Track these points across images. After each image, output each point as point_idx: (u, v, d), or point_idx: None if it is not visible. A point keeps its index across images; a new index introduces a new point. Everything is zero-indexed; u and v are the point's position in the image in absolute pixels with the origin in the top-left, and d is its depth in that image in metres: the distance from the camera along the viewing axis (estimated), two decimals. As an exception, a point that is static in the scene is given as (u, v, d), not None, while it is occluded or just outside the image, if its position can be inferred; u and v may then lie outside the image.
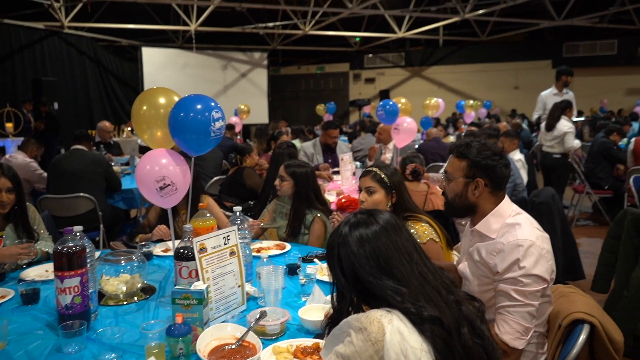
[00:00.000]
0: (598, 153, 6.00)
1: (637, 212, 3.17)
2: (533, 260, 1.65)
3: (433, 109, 7.72)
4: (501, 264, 1.69)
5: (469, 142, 1.85)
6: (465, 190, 1.82)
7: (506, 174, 1.81)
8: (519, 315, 1.66)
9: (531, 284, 1.64)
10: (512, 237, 1.69)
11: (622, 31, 15.32)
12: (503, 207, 1.81)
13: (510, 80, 17.56)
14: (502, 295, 1.69)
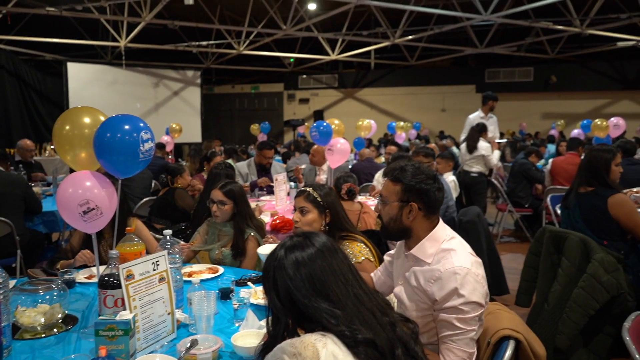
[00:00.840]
0: (518, 173, 6.36)
1: (554, 230, 3.37)
2: (471, 287, 1.68)
3: (365, 130, 7.90)
4: (439, 292, 1.71)
5: (403, 165, 1.87)
6: (400, 214, 1.84)
7: (439, 197, 1.83)
8: (462, 342, 1.68)
9: (471, 311, 1.68)
10: (449, 265, 1.72)
11: (538, 60, 16.46)
12: (438, 232, 1.83)
13: (438, 103, 18.34)
14: (445, 325, 1.71)
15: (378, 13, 13.13)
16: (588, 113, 15.41)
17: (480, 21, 12.15)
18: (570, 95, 16.86)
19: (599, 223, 3.25)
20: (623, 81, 16.53)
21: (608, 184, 3.29)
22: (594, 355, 3.15)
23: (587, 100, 16.57)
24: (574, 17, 11.86)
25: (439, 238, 1.81)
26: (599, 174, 3.30)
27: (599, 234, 3.24)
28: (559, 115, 15.72)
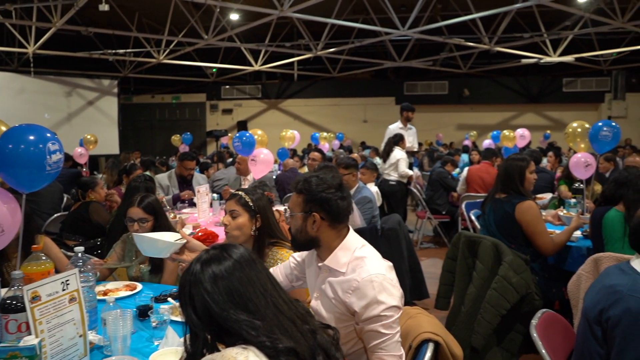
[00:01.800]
0: (436, 182, 6.65)
1: (469, 235, 3.53)
2: (388, 293, 1.72)
3: (289, 140, 7.93)
4: (358, 302, 1.72)
5: (307, 177, 1.87)
6: (304, 224, 1.84)
7: (343, 206, 1.82)
8: (391, 347, 1.71)
9: (392, 315, 1.71)
10: (364, 273, 1.73)
11: (452, 74, 17.36)
12: (349, 240, 1.85)
13: (360, 114, 18.80)
14: (371, 335, 1.72)
15: (300, 25, 13.28)
16: (498, 124, 16.43)
17: (398, 36, 12.63)
18: (481, 107, 17.91)
19: (508, 228, 3.45)
20: (527, 95, 17.81)
21: (521, 191, 3.49)
22: (506, 353, 3.33)
23: (497, 113, 17.68)
24: (483, 35, 12.63)
25: (351, 247, 1.83)
26: (514, 182, 3.49)
27: (508, 238, 3.44)
28: (472, 127, 16.63)
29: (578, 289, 2.77)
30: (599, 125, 4.05)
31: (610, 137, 3.97)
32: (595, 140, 4.04)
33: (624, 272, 1.77)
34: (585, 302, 1.83)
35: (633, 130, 16.54)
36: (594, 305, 1.75)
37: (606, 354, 1.70)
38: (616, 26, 11.06)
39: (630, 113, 16.79)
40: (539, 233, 3.31)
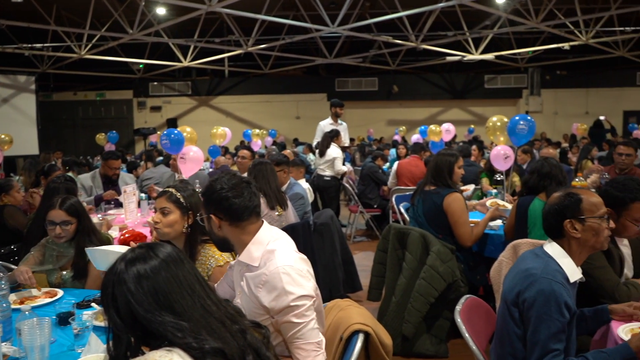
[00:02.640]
0: (367, 176, 6.78)
1: (398, 227, 3.64)
2: (297, 283, 1.73)
3: (220, 137, 7.80)
4: (268, 296, 1.73)
5: (211, 181, 1.91)
6: (210, 227, 1.88)
7: (241, 204, 1.82)
8: (308, 334, 1.72)
9: (304, 304, 1.73)
10: (272, 266, 1.75)
11: (381, 71, 17.76)
12: (262, 234, 1.86)
13: (292, 110, 18.81)
14: (286, 327, 1.73)
15: (230, 21, 13.08)
16: (425, 119, 17.01)
17: (328, 33, 12.74)
18: (410, 103, 18.46)
19: (436, 218, 3.58)
20: (452, 91, 18.56)
21: (449, 184, 3.64)
22: (435, 339, 3.46)
23: (424, 108, 18.29)
24: (410, 33, 13.01)
25: (264, 240, 1.84)
26: (443, 175, 3.63)
27: (436, 228, 3.58)
28: (401, 122, 17.11)
29: (499, 275, 2.91)
30: (516, 119, 4.29)
31: (527, 131, 4.22)
32: (513, 134, 4.27)
33: (538, 256, 1.88)
34: (503, 286, 1.93)
35: (547, 124, 17.65)
36: (512, 288, 1.86)
37: (523, 334, 1.80)
38: (531, 26, 11.74)
39: (545, 108, 17.90)
40: (462, 224, 3.46)
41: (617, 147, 4.70)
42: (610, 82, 17.77)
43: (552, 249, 1.89)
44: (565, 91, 17.99)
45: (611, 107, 17.41)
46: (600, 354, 1.74)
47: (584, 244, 1.87)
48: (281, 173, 4.36)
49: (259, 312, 1.78)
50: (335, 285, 4.29)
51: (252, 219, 1.87)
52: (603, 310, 2.04)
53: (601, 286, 2.19)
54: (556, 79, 17.96)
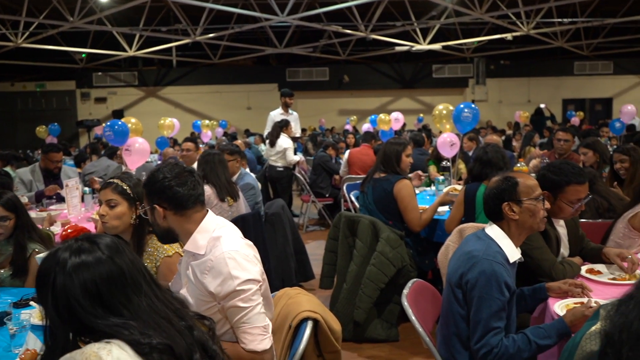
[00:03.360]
0: (318, 166, 6.80)
1: (349, 215, 3.67)
2: (242, 267, 1.73)
3: (168, 129, 7.62)
4: (214, 281, 1.72)
5: (152, 171, 1.87)
6: (154, 218, 1.84)
7: (185, 192, 1.80)
8: (254, 319, 1.72)
9: (250, 288, 1.72)
10: (218, 252, 1.74)
11: (332, 60, 17.81)
12: (207, 223, 1.84)
13: (243, 101, 18.59)
14: (232, 312, 1.72)
15: (177, 9, 12.75)
16: (376, 109, 17.16)
17: (278, 22, 12.64)
18: (361, 93, 18.61)
19: (386, 205, 3.64)
20: (402, 81, 18.84)
21: (398, 171, 3.70)
22: (386, 323, 3.53)
23: (375, 98, 18.49)
24: (359, 23, 13.09)
25: (209, 228, 1.83)
26: (391, 163, 3.70)
27: (386, 215, 3.64)
28: (353, 112, 17.24)
29: (446, 258, 2.98)
30: (461, 107, 4.40)
31: (471, 118, 4.34)
32: (458, 121, 4.39)
33: (480, 238, 1.95)
34: (448, 268, 1.99)
35: (492, 112, 18.23)
36: (455, 270, 1.92)
37: (467, 314, 1.86)
38: (476, 17, 12.06)
39: (490, 97, 18.48)
40: (411, 209, 3.54)
41: (557, 133, 4.91)
42: (550, 72, 18.53)
43: (492, 232, 1.96)
44: (508, 80, 18.61)
45: (551, 95, 18.17)
46: (538, 329, 1.82)
47: (522, 225, 1.95)
48: (233, 163, 4.32)
49: (206, 299, 1.76)
50: (287, 275, 4.30)
51: (197, 207, 1.84)
52: (541, 289, 2.14)
53: (539, 266, 2.29)
54: (500, 68, 18.54)
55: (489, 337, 1.75)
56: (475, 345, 1.78)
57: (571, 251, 2.56)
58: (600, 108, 18.66)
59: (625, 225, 2.72)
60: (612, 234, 2.80)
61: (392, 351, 3.43)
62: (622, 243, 2.72)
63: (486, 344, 1.76)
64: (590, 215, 3.29)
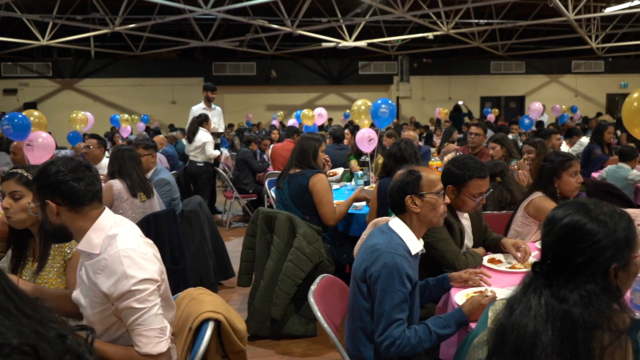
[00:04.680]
0: (241, 161, 6.69)
1: (266, 211, 3.63)
2: (139, 266, 1.65)
3: (81, 123, 7.20)
4: (107, 281, 1.63)
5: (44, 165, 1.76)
6: (45, 214, 1.71)
7: (80, 188, 1.71)
8: (150, 320, 1.64)
9: (147, 288, 1.65)
10: (113, 250, 1.66)
11: (259, 55, 17.63)
12: (104, 220, 1.75)
13: (168, 95, 18.01)
14: (127, 313, 1.64)
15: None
16: (304, 105, 17.22)
17: (202, 14, 12.32)
18: (288, 88, 18.58)
19: (302, 199, 3.62)
20: (329, 77, 19.00)
21: (313, 166, 3.69)
22: (304, 319, 3.52)
23: (303, 94, 18.53)
24: (285, 18, 13.02)
25: (105, 226, 1.74)
26: (307, 158, 3.69)
27: (303, 209, 3.62)
28: (280, 107, 17.17)
29: (361, 252, 3.02)
30: (378, 103, 4.48)
31: (388, 114, 4.42)
32: (375, 117, 4.45)
33: (383, 232, 1.97)
34: (354, 262, 2.00)
35: (416, 108, 18.85)
36: (360, 264, 1.93)
37: (371, 308, 1.88)
38: (398, 15, 12.36)
39: (413, 94, 19.06)
40: (325, 203, 3.55)
41: (469, 128, 5.14)
42: (469, 70, 19.39)
43: (395, 225, 1.99)
44: (430, 78, 19.28)
45: (470, 93, 19.04)
46: (438, 319, 1.87)
47: (423, 219, 1.99)
48: (148, 158, 4.15)
49: (99, 301, 1.67)
50: (205, 273, 4.20)
51: (94, 204, 1.75)
52: (444, 279, 2.20)
53: (443, 257, 2.36)
54: (423, 66, 19.17)
55: (391, 329, 1.78)
56: (379, 338, 1.80)
57: (475, 242, 2.67)
58: (515, 105, 19.79)
59: (523, 214, 2.88)
60: (512, 223, 2.95)
61: (309, 346, 3.43)
62: (521, 231, 2.87)
63: (389, 336, 1.78)
64: (493, 207, 3.45)
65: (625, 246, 1.16)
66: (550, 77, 19.92)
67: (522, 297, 1.20)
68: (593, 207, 1.21)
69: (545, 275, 1.18)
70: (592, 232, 1.16)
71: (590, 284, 1.12)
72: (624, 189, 4.68)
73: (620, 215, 1.19)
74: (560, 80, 20.02)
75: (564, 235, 1.18)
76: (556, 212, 1.24)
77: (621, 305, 1.14)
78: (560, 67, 19.87)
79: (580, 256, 1.15)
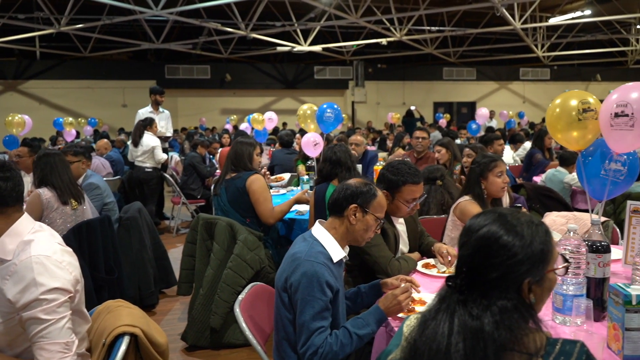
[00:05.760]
0: (189, 166, 6.54)
1: (206, 217, 3.53)
2: (51, 274, 1.57)
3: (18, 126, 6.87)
4: (14, 287, 1.54)
5: None
6: None
7: (7, 187, 1.64)
8: (55, 333, 1.55)
9: (56, 298, 1.56)
10: (25, 255, 1.58)
11: (214, 58, 17.39)
12: (21, 225, 1.67)
13: (118, 98, 17.52)
14: (31, 323, 1.54)
15: (36, -5, 11.63)
16: (259, 109, 17.03)
17: (153, 16, 12.04)
18: (243, 92, 18.41)
19: (241, 202, 3.56)
20: (284, 81, 18.95)
21: (250, 169, 3.64)
22: (245, 328, 3.44)
23: (258, 98, 18.41)
24: (239, 21, 12.90)
25: (22, 232, 1.66)
26: (243, 162, 3.64)
27: (242, 212, 3.56)
28: (235, 111, 16.99)
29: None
30: (324, 107, 4.46)
31: (333, 118, 4.40)
32: (321, 121, 4.43)
33: (305, 239, 1.93)
34: (277, 272, 1.94)
35: (372, 113, 19.04)
36: (281, 273, 1.87)
37: (293, 318, 1.83)
38: (352, 21, 12.45)
39: (369, 98, 19.24)
40: (262, 201, 3.50)
41: (415, 132, 5.22)
42: (422, 76, 19.77)
43: (317, 232, 1.94)
44: (385, 83, 19.54)
45: (423, 98, 19.40)
46: (357, 320, 1.84)
47: (352, 233, 1.94)
48: (78, 164, 3.98)
49: (5, 309, 1.57)
50: (145, 282, 4.06)
51: (17, 207, 1.68)
52: (377, 285, 2.18)
53: (376, 262, 2.34)
54: (377, 72, 19.40)
55: (313, 338, 1.73)
56: (301, 349, 1.75)
57: (411, 247, 2.66)
58: (466, 111, 20.29)
59: (452, 218, 2.90)
60: (445, 228, 2.97)
61: (250, 355, 3.35)
62: (453, 236, 2.89)
63: (311, 345, 1.73)
64: (435, 211, 3.48)
65: (540, 260, 1.12)
66: (499, 84, 20.55)
67: (435, 313, 1.15)
68: (510, 217, 1.16)
69: (460, 290, 1.13)
70: (507, 246, 1.11)
71: (503, 300, 1.07)
72: (562, 192, 4.83)
73: (537, 227, 1.15)
74: (509, 87, 20.68)
75: (479, 249, 1.14)
76: (473, 222, 1.20)
77: (536, 323, 1.09)
78: (509, 74, 20.53)
79: (494, 271, 1.10)
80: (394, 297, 1.85)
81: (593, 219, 1.93)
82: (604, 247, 1.83)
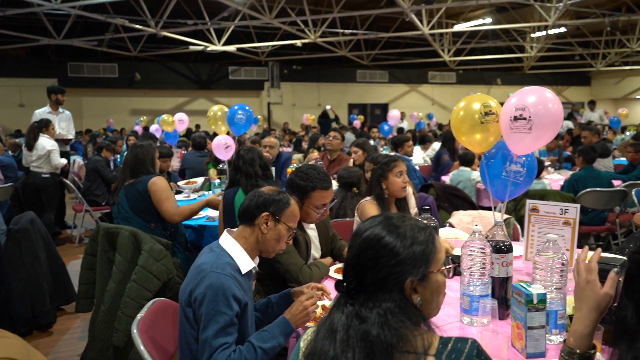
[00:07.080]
0: (92, 171, 6.11)
1: (107, 227, 3.28)
2: None
3: None
4: None
5: None
6: None
7: None
8: None
9: None
10: None
11: (122, 56, 16.52)
12: None
13: (14, 97, 16.16)
14: None
15: None
16: (171, 109, 16.46)
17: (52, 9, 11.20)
18: (154, 92, 17.67)
19: (143, 206, 3.38)
20: (198, 81, 18.43)
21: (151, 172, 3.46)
22: (152, 343, 3.24)
23: (170, 98, 17.75)
24: (149, 18, 12.33)
25: None
26: (145, 166, 3.46)
27: (146, 217, 3.37)
28: (146, 112, 16.25)
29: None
30: (235, 109, 4.32)
31: (245, 120, 4.29)
32: (232, 123, 4.29)
33: (212, 250, 1.81)
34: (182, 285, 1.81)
35: (288, 114, 19.02)
36: (185, 286, 1.75)
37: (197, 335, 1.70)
38: (266, 21, 12.33)
39: (284, 100, 19.21)
40: (164, 200, 3.36)
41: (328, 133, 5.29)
42: (337, 78, 20.06)
43: (225, 242, 1.84)
44: (301, 85, 19.60)
45: (338, 100, 19.69)
46: (262, 333, 1.75)
47: (262, 242, 1.86)
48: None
49: None
50: (39, 300, 3.72)
51: None
52: (288, 294, 2.10)
53: (287, 270, 2.27)
54: (293, 73, 19.42)
55: (216, 355, 1.62)
56: (205, 367, 1.63)
57: (323, 252, 2.62)
58: (379, 112, 20.86)
59: (356, 218, 2.92)
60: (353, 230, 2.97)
61: (158, 372, 3.16)
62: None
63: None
64: (351, 215, 3.47)
65: (422, 260, 1.13)
66: (410, 87, 21.33)
67: (326, 319, 1.13)
68: (395, 220, 1.17)
69: (349, 294, 1.12)
70: (388, 246, 1.11)
71: (387, 302, 1.08)
72: (469, 189, 5.05)
73: (421, 229, 1.16)
74: (419, 89, 21.54)
75: (363, 251, 1.14)
76: (360, 226, 1.20)
77: (426, 323, 1.10)
78: (419, 77, 21.38)
79: (378, 272, 1.10)
80: (300, 304, 1.79)
81: (496, 220, 1.98)
82: (506, 247, 1.88)
